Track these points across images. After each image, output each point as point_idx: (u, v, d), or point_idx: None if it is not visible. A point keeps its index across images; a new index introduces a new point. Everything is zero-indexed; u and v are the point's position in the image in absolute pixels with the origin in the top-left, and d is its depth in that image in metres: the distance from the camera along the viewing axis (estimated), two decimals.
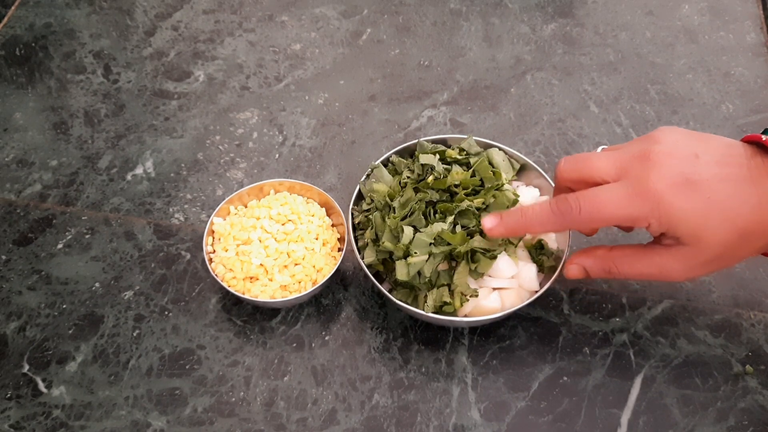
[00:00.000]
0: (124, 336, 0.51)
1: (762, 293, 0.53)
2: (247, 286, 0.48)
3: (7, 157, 0.61)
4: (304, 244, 0.49)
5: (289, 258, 0.49)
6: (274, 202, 0.51)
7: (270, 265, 0.48)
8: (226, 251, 0.49)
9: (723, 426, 0.47)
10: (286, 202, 0.51)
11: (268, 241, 0.49)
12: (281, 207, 0.51)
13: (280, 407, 0.47)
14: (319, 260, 0.49)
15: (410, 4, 0.74)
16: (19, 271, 0.54)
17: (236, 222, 0.50)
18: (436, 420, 0.47)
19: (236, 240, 0.49)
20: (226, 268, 0.49)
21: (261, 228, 0.50)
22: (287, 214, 0.50)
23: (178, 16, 0.72)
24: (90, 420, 0.47)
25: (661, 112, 0.65)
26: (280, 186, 0.53)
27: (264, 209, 0.51)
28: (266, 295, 0.48)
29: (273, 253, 0.49)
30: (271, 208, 0.51)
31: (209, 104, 0.65)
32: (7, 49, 0.69)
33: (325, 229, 0.51)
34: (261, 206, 0.51)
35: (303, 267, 0.49)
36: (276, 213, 0.50)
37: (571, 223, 0.41)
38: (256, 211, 0.51)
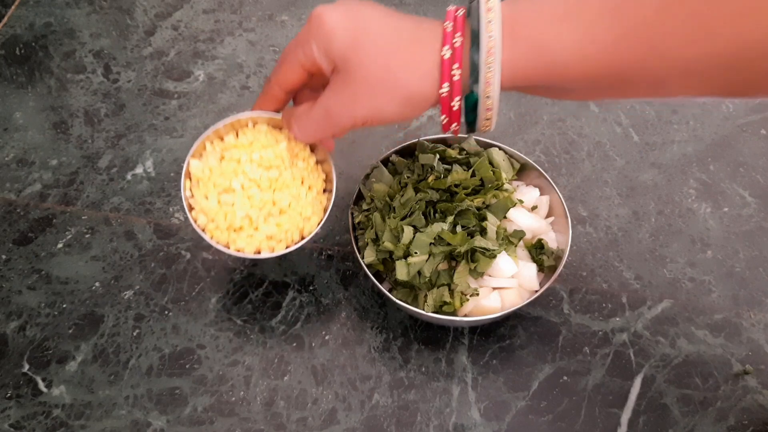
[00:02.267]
0: (124, 335, 0.51)
1: (762, 293, 0.53)
2: (231, 236, 0.45)
3: (7, 156, 0.61)
4: (290, 191, 0.46)
5: (275, 206, 0.45)
6: (255, 142, 0.46)
7: (255, 215, 0.45)
8: (207, 199, 0.45)
9: (723, 426, 0.47)
10: (268, 144, 0.46)
11: (252, 190, 0.45)
12: (263, 150, 0.46)
13: (280, 407, 0.47)
14: (306, 207, 0.46)
15: (410, 4, 0.73)
16: (19, 270, 0.54)
17: (215, 167, 0.46)
18: (436, 419, 0.47)
19: (217, 187, 0.45)
20: (207, 217, 0.45)
21: (243, 174, 0.45)
22: (270, 158, 0.46)
23: (178, 16, 0.72)
24: (90, 419, 0.47)
25: (661, 111, 0.65)
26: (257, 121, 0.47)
27: (244, 151, 0.46)
28: (252, 248, 0.45)
29: (257, 203, 0.45)
30: (252, 149, 0.46)
31: (209, 104, 0.65)
32: (7, 48, 0.69)
33: (310, 172, 0.47)
34: (240, 146, 0.46)
35: (289, 216, 0.46)
36: (258, 157, 0.46)
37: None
38: (236, 152, 0.46)
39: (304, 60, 0.40)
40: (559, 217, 0.50)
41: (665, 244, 0.56)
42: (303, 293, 0.53)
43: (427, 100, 0.38)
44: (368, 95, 0.38)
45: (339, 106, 0.39)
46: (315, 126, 0.41)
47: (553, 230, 0.50)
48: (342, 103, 0.39)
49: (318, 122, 0.41)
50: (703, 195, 0.59)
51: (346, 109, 0.39)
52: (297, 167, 0.47)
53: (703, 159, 0.61)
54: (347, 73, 0.38)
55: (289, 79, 0.42)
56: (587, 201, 0.58)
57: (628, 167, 0.61)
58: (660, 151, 0.62)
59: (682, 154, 0.62)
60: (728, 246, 0.56)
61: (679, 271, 0.55)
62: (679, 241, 0.56)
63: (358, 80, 0.37)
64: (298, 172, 0.46)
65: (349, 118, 0.39)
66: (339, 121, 0.40)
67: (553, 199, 0.51)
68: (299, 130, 0.43)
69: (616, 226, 0.57)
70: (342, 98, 0.39)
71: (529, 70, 0.36)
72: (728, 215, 0.58)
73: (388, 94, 0.38)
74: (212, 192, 0.45)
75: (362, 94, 0.38)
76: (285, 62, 0.41)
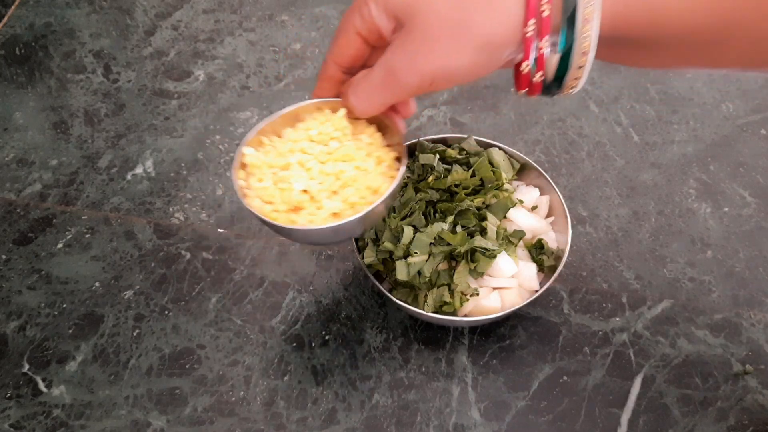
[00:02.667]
0: (124, 335, 0.51)
1: (762, 293, 0.53)
2: (291, 218, 0.39)
3: (7, 156, 0.61)
4: (355, 163, 0.40)
5: (338, 180, 0.39)
6: (312, 122, 0.41)
7: (315, 189, 0.39)
8: (261, 182, 0.40)
9: (723, 426, 0.47)
10: (327, 119, 0.41)
11: (310, 163, 0.40)
12: (321, 126, 0.41)
13: (280, 407, 0.47)
14: (374, 179, 0.39)
15: None
16: (19, 270, 0.54)
17: (270, 150, 0.41)
18: (436, 419, 0.47)
19: (272, 168, 0.40)
20: (263, 201, 0.39)
21: (300, 151, 0.40)
22: (329, 132, 0.40)
23: (178, 16, 0.72)
24: (90, 419, 0.47)
25: (661, 111, 0.65)
26: (317, 110, 0.42)
27: (301, 132, 0.41)
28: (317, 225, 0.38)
29: (317, 175, 0.39)
30: (309, 129, 0.41)
31: (209, 104, 0.65)
32: (7, 48, 0.69)
33: (378, 147, 0.41)
34: (298, 129, 0.42)
35: (356, 189, 0.39)
36: (316, 133, 0.41)
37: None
38: (292, 134, 0.41)
39: (361, 25, 0.35)
40: (559, 217, 0.50)
41: (665, 244, 0.56)
42: (303, 293, 0.53)
43: (506, 46, 0.33)
44: (438, 45, 0.33)
45: (403, 62, 0.34)
46: (375, 90, 0.36)
47: (553, 230, 0.50)
48: (407, 58, 0.33)
49: (378, 85, 0.35)
50: (703, 195, 0.59)
51: (411, 65, 0.33)
52: (361, 141, 0.41)
53: (703, 159, 0.61)
54: (412, 23, 0.33)
55: (346, 52, 0.37)
56: (587, 201, 0.58)
57: (628, 167, 0.61)
58: (660, 151, 0.62)
59: (682, 154, 0.62)
60: (728, 246, 0.56)
61: (679, 271, 0.55)
62: (679, 241, 0.56)
63: (426, 28, 0.32)
64: (362, 145, 0.40)
65: (415, 76, 0.34)
66: (403, 80, 0.34)
67: (553, 199, 0.51)
68: (357, 98, 0.37)
69: (616, 226, 0.57)
70: (406, 52, 0.33)
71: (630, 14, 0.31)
72: (728, 215, 0.58)
73: (461, 41, 0.32)
74: (267, 174, 0.40)
75: (431, 44, 0.33)
76: (340, 34, 0.37)
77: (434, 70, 0.33)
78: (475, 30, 0.32)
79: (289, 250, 0.55)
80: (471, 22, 0.32)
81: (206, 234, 0.56)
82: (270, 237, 0.56)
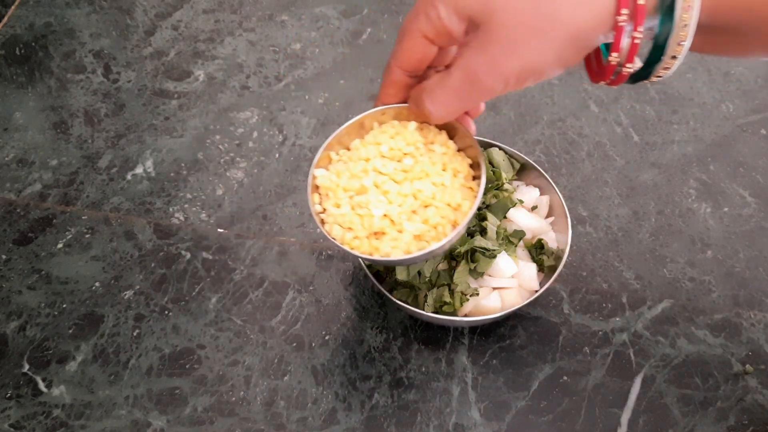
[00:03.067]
0: (124, 335, 0.51)
1: (762, 293, 0.53)
2: (373, 244, 0.38)
3: (7, 156, 0.61)
4: (431, 179, 0.38)
5: (416, 200, 0.38)
6: (381, 135, 0.40)
7: (395, 213, 0.38)
8: (338, 207, 0.39)
9: (723, 425, 0.47)
10: (397, 132, 0.40)
11: (386, 185, 0.38)
12: (391, 140, 0.39)
13: (280, 407, 0.47)
14: (454, 195, 0.38)
15: (410, 4, 0.73)
16: (19, 270, 0.54)
17: (342, 170, 0.40)
18: (436, 419, 0.47)
19: (347, 191, 0.39)
20: (343, 228, 0.38)
21: (374, 170, 0.39)
22: (401, 147, 0.39)
23: (178, 16, 0.72)
24: (90, 419, 0.47)
25: (661, 111, 0.65)
26: (383, 116, 0.40)
27: (372, 147, 0.40)
28: (400, 251, 0.37)
29: (395, 197, 0.38)
30: (379, 144, 0.40)
31: (209, 104, 0.65)
32: (7, 48, 0.69)
33: (452, 156, 0.40)
34: (367, 144, 0.40)
35: (436, 208, 0.38)
36: (387, 149, 0.39)
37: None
38: (363, 151, 0.40)
39: (428, 28, 0.33)
40: (559, 217, 0.50)
41: (665, 244, 0.56)
42: (303, 293, 0.53)
43: (594, 38, 0.31)
44: (522, 43, 0.31)
45: (485, 64, 0.32)
46: (453, 96, 0.34)
47: (553, 230, 0.50)
48: (488, 61, 0.31)
49: (457, 90, 0.33)
50: (703, 195, 0.59)
51: (493, 67, 0.32)
52: (435, 153, 0.39)
53: (703, 159, 0.61)
54: (491, 22, 0.31)
55: (412, 56, 0.35)
56: (587, 201, 0.58)
57: (628, 167, 0.61)
58: (660, 151, 0.62)
59: (682, 154, 0.62)
60: (728, 246, 0.56)
61: (679, 271, 0.55)
62: (679, 241, 0.56)
63: (507, 27, 0.31)
64: (437, 157, 0.39)
65: (498, 77, 0.32)
66: (485, 83, 0.32)
67: (553, 199, 0.51)
68: (433, 104, 0.35)
69: (616, 226, 0.57)
70: (488, 54, 0.31)
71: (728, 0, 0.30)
72: (728, 215, 0.58)
73: (548, 36, 0.30)
74: (343, 198, 0.39)
75: (514, 43, 0.31)
76: (405, 37, 0.35)
77: (518, 71, 0.31)
78: (563, 23, 0.30)
79: (289, 251, 0.55)
80: (557, 15, 0.30)
81: (206, 234, 0.56)
82: (270, 237, 0.56)
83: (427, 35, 0.34)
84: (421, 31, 0.34)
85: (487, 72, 0.32)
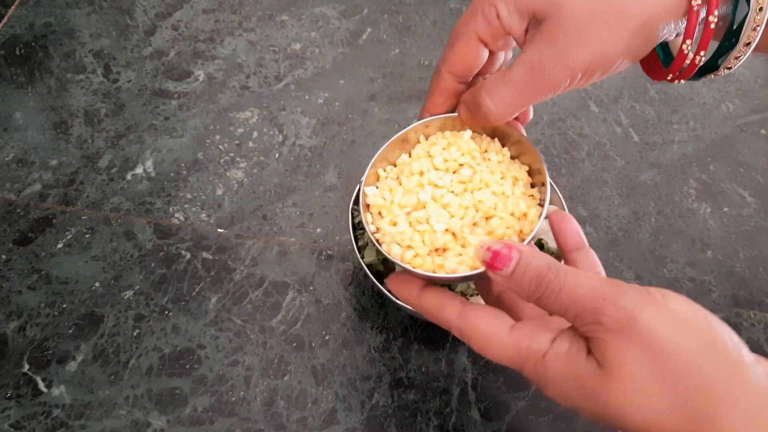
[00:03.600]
0: (124, 335, 0.51)
1: (762, 293, 0.53)
2: (437, 261, 0.35)
3: (7, 156, 0.61)
4: (491, 189, 0.36)
5: (478, 212, 0.36)
6: (433, 147, 0.38)
7: (458, 226, 0.35)
8: (395, 225, 0.37)
9: None
10: (450, 142, 0.38)
11: (445, 198, 0.36)
12: (445, 151, 0.38)
13: (280, 407, 0.47)
14: (517, 204, 0.36)
15: (410, 4, 0.74)
16: (19, 270, 0.54)
17: (395, 186, 0.38)
18: (436, 420, 0.47)
19: (403, 208, 0.37)
20: (402, 246, 0.36)
21: (430, 184, 0.37)
22: (456, 158, 0.37)
23: (178, 16, 0.72)
24: (90, 419, 0.47)
25: (661, 111, 0.65)
26: (427, 129, 0.39)
27: (424, 160, 0.38)
28: (466, 267, 0.34)
29: (457, 210, 0.36)
30: (432, 156, 0.38)
31: (209, 104, 0.65)
32: (7, 48, 0.69)
33: (509, 164, 0.38)
34: (419, 157, 0.38)
35: (501, 218, 0.36)
36: (441, 161, 0.37)
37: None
38: (415, 165, 0.38)
39: (485, 29, 0.32)
40: None
41: (665, 244, 0.56)
42: (303, 293, 0.53)
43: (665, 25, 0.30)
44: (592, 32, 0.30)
45: (552, 55, 0.30)
46: (516, 90, 0.32)
47: None
48: (556, 52, 0.30)
49: (520, 84, 0.32)
50: (703, 195, 0.59)
51: (562, 58, 0.30)
52: (491, 162, 0.38)
53: (703, 159, 0.61)
54: (558, 13, 0.30)
55: (464, 60, 0.34)
56: (587, 201, 0.58)
57: (628, 167, 0.61)
58: (660, 151, 0.62)
59: (682, 154, 0.62)
60: (728, 246, 0.56)
61: (679, 271, 0.55)
62: (679, 241, 0.56)
63: (576, 18, 0.29)
64: (494, 166, 0.37)
65: (566, 69, 0.30)
66: (553, 75, 0.31)
67: (553, 199, 0.51)
68: (494, 100, 0.33)
69: (616, 226, 0.57)
70: (556, 45, 0.30)
71: None
72: (728, 215, 0.58)
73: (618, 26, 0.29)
74: (400, 216, 0.37)
75: (584, 32, 0.30)
76: (458, 39, 0.34)
77: (588, 62, 0.30)
78: (634, 10, 0.29)
79: (289, 251, 0.55)
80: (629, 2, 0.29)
81: (206, 234, 0.56)
82: (270, 237, 0.56)
83: (483, 37, 0.33)
84: (477, 33, 0.33)
85: (555, 63, 0.30)
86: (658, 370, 0.26)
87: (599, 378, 0.27)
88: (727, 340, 0.26)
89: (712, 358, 0.26)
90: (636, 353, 0.26)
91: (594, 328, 0.27)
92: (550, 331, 0.30)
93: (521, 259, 0.30)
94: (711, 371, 0.25)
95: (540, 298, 0.29)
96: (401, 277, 0.35)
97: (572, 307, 0.28)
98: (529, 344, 0.30)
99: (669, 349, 0.26)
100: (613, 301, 0.27)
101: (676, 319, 0.26)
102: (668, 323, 0.26)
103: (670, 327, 0.26)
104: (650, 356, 0.26)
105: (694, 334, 0.26)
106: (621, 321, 0.26)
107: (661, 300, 0.27)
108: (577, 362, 0.28)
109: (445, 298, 0.33)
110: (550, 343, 0.29)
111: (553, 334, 0.30)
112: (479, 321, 0.31)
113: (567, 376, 0.28)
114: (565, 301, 0.28)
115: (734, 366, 0.26)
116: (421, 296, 0.34)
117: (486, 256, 0.31)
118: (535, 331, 0.30)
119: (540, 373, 0.29)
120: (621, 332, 0.26)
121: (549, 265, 0.29)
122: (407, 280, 0.35)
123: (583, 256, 0.35)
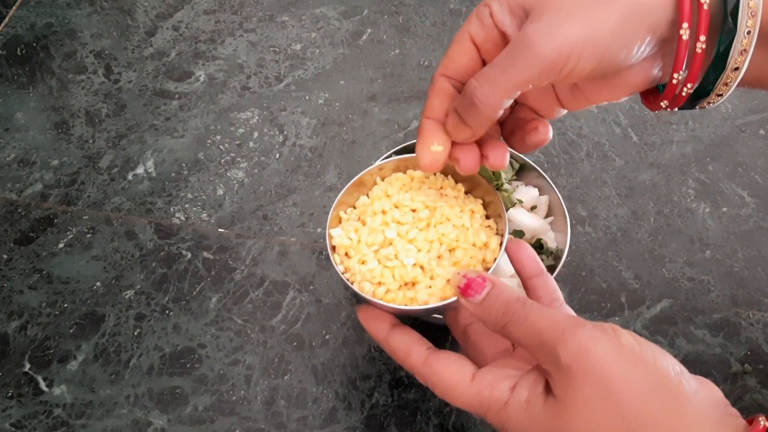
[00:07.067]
0: (125, 335, 0.51)
1: (761, 292, 0.53)
2: (408, 295, 0.37)
3: (9, 156, 0.61)
4: (452, 222, 0.39)
5: (442, 245, 0.38)
6: (390, 187, 0.40)
7: (426, 259, 0.37)
8: (364, 263, 0.38)
9: None
10: (404, 184, 0.40)
11: (411, 234, 0.38)
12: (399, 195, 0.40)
13: (280, 406, 0.48)
14: (478, 235, 0.38)
15: (410, 4, 0.74)
16: (21, 270, 0.54)
17: (359, 226, 0.39)
18: (436, 419, 0.47)
19: (371, 246, 0.38)
20: (372, 284, 0.38)
21: (394, 221, 0.39)
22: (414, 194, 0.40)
23: (178, 17, 0.72)
24: (91, 419, 0.47)
25: (660, 111, 0.65)
26: (381, 171, 0.41)
27: (385, 200, 0.40)
28: (436, 298, 0.36)
29: (423, 244, 0.38)
30: (390, 196, 0.40)
31: (210, 104, 0.65)
32: (8, 49, 0.70)
33: (465, 199, 0.40)
34: (379, 198, 0.40)
35: (464, 249, 0.38)
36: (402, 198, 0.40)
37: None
38: (377, 204, 0.39)
39: (478, 31, 0.32)
40: (558, 217, 0.50)
41: (664, 243, 0.56)
42: (303, 293, 0.53)
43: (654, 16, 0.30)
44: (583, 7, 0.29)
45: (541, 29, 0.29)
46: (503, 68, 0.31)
47: (552, 230, 0.51)
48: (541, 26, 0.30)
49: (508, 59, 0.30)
50: (701, 195, 0.59)
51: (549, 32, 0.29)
52: (448, 197, 0.40)
53: (701, 159, 0.61)
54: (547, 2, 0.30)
55: (458, 62, 0.34)
56: (586, 201, 0.59)
57: (627, 167, 0.61)
58: (659, 151, 0.62)
59: (680, 154, 0.62)
60: (727, 246, 0.56)
61: (678, 270, 0.55)
62: (678, 241, 0.56)
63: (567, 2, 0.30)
64: (451, 201, 0.40)
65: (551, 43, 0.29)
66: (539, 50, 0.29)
67: (552, 199, 0.51)
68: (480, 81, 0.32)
69: (615, 226, 0.57)
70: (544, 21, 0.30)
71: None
72: (727, 215, 0.58)
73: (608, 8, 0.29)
74: (368, 254, 0.38)
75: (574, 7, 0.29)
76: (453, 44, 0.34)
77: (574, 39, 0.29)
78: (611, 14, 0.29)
79: (290, 250, 0.55)
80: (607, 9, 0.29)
81: (207, 234, 0.56)
82: (270, 237, 0.56)
83: (475, 39, 0.33)
84: (470, 34, 0.33)
85: (540, 36, 0.29)
86: (610, 405, 0.28)
87: (558, 419, 0.29)
88: (671, 371, 0.28)
89: (658, 392, 0.28)
90: (590, 388, 0.28)
91: (553, 361, 0.29)
92: (509, 379, 0.31)
93: (493, 289, 0.32)
94: (656, 406, 0.28)
95: (506, 325, 0.31)
96: (371, 312, 0.37)
97: (535, 337, 0.30)
98: (490, 394, 0.31)
99: (619, 384, 0.28)
100: (572, 332, 0.29)
101: (625, 353, 0.28)
102: (618, 357, 0.28)
103: (621, 361, 0.28)
104: (603, 394, 0.28)
105: (642, 368, 0.28)
106: (576, 353, 0.28)
107: (613, 335, 0.29)
108: (537, 409, 0.30)
109: (411, 343, 0.35)
110: (510, 392, 0.31)
111: (512, 381, 0.31)
112: (443, 369, 0.33)
113: (529, 422, 0.30)
114: (529, 329, 0.30)
115: (675, 397, 0.28)
116: (389, 336, 0.36)
117: (461, 281, 0.33)
118: (494, 380, 0.31)
119: (504, 422, 0.31)
120: (577, 366, 0.28)
121: (517, 297, 0.32)
122: (376, 315, 0.36)
123: (542, 283, 0.37)
